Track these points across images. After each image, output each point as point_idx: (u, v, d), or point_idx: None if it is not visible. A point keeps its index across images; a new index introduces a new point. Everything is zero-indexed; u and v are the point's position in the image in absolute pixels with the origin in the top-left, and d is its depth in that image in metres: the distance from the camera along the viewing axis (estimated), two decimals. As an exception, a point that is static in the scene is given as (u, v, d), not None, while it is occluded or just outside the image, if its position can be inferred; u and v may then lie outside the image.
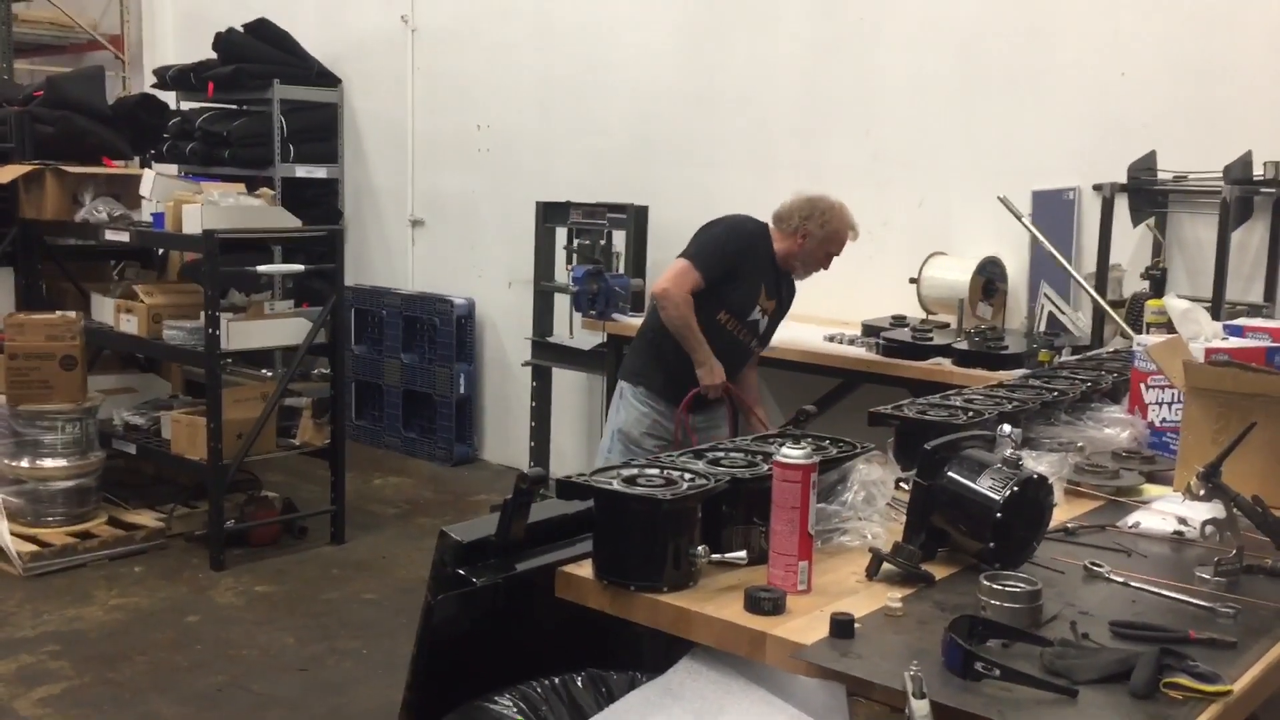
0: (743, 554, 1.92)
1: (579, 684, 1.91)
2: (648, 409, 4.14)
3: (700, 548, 1.90)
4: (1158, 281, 4.09)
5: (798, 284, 4.30)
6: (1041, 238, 4.30)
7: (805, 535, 1.88)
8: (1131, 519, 2.28)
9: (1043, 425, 2.74)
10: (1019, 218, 4.33)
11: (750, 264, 4.09)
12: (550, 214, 6.08)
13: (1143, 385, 2.84)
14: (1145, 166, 4.37)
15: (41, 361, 5.16)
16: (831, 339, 4.73)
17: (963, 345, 4.33)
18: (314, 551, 5.39)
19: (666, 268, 4.13)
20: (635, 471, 1.97)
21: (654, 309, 4.22)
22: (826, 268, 4.19)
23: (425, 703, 1.89)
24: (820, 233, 4.08)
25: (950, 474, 2.02)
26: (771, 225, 4.16)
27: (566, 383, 6.42)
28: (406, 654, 4.22)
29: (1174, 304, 2.84)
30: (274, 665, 4.19)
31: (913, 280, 4.88)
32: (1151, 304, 3.75)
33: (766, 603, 1.79)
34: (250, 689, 3.99)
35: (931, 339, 4.47)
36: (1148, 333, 3.26)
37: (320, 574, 5.11)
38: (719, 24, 5.81)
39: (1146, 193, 4.39)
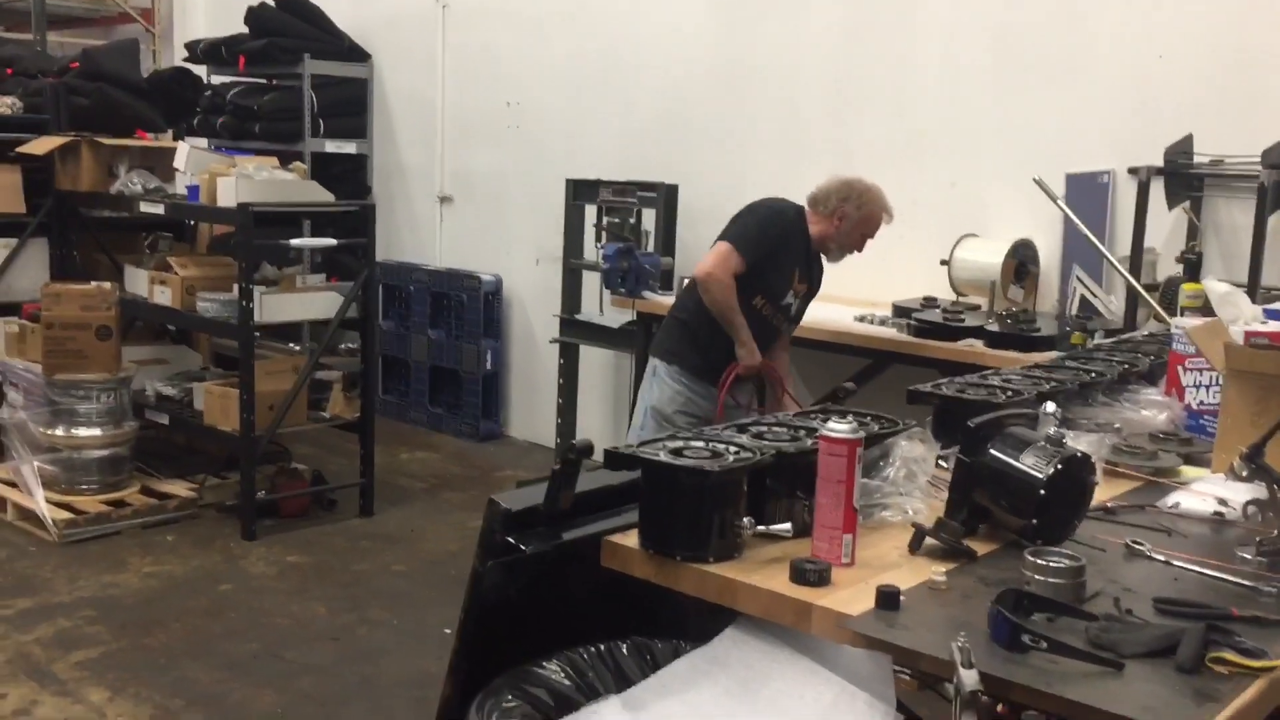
0: (788, 526, 1.94)
1: (624, 651, 1.94)
2: (681, 387, 4.16)
3: (745, 519, 1.92)
4: (1193, 265, 4.08)
5: (828, 265, 4.30)
6: (1076, 220, 4.29)
7: (850, 509, 1.89)
8: (1171, 499, 2.29)
9: (1080, 406, 2.74)
10: (1054, 200, 4.32)
11: (788, 248, 4.10)
12: (580, 192, 6.09)
13: (1180, 368, 2.84)
14: (1182, 150, 4.34)
15: (77, 331, 5.22)
16: (862, 319, 4.73)
17: (994, 327, 4.33)
18: (343, 523, 5.45)
19: (698, 248, 4.15)
20: (681, 444, 1.99)
21: (689, 289, 4.24)
22: (861, 250, 4.19)
23: (472, 667, 1.92)
24: (856, 214, 4.09)
25: (993, 451, 2.04)
26: (807, 208, 4.16)
27: (594, 360, 6.45)
28: (436, 625, 4.31)
29: (1214, 287, 2.83)
30: (306, 634, 4.24)
31: (944, 262, 4.88)
32: (1187, 288, 3.76)
33: (812, 574, 1.82)
34: (283, 657, 4.04)
35: (963, 320, 4.47)
36: (1182, 316, 3.26)
37: (350, 545, 5.16)
38: (751, 2, 5.79)
39: (1183, 176, 4.37)
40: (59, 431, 5.26)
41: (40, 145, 5.79)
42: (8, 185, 5.93)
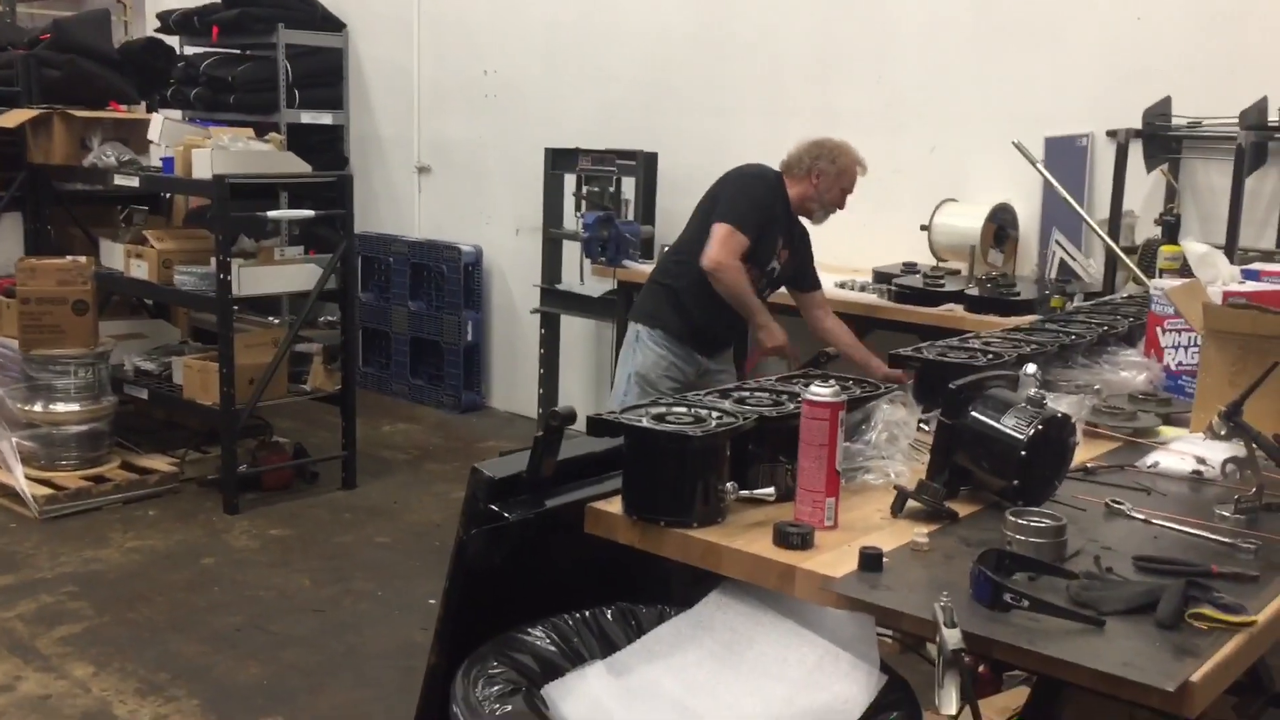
0: (771, 490, 1.95)
1: (609, 617, 1.94)
2: (665, 351, 4.15)
3: (729, 484, 1.92)
4: (1171, 228, 4.08)
5: (812, 228, 4.29)
6: (1055, 184, 4.30)
7: (833, 472, 1.90)
8: (1150, 459, 2.31)
9: (1060, 368, 2.76)
10: (1033, 163, 4.32)
11: (774, 214, 4.10)
12: (559, 160, 6.06)
13: (1159, 329, 2.86)
14: (1160, 112, 4.35)
15: (53, 306, 5.17)
16: (843, 285, 4.74)
17: (974, 292, 4.34)
18: (326, 496, 5.44)
19: (679, 216, 4.12)
20: (664, 410, 1.99)
21: (670, 254, 4.24)
22: (842, 206, 4.18)
23: (458, 634, 1.92)
24: (833, 169, 4.09)
25: (974, 413, 2.05)
26: (783, 174, 4.16)
27: (575, 330, 6.44)
28: (420, 595, 4.32)
29: (1192, 248, 2.85)
30: (290, 606, 4.24)
31: (924, 227, 4.88)
32: (1165, 250, 3.76)
33: (795, 537, 1.82)
34: (268, 629, 4.04)
35: (943, 285, 4.48)
36: (1160, 278, 3.28)
37: (332, 518, 5.16)
38: (730, -32, 5.76)
39: (1161, 139, 4.38)
40: (37, 407, 5.22)
41: (11, 118, 5.71)
42: (-21, 159, 5.86)
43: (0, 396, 5.30)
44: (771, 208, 4.08)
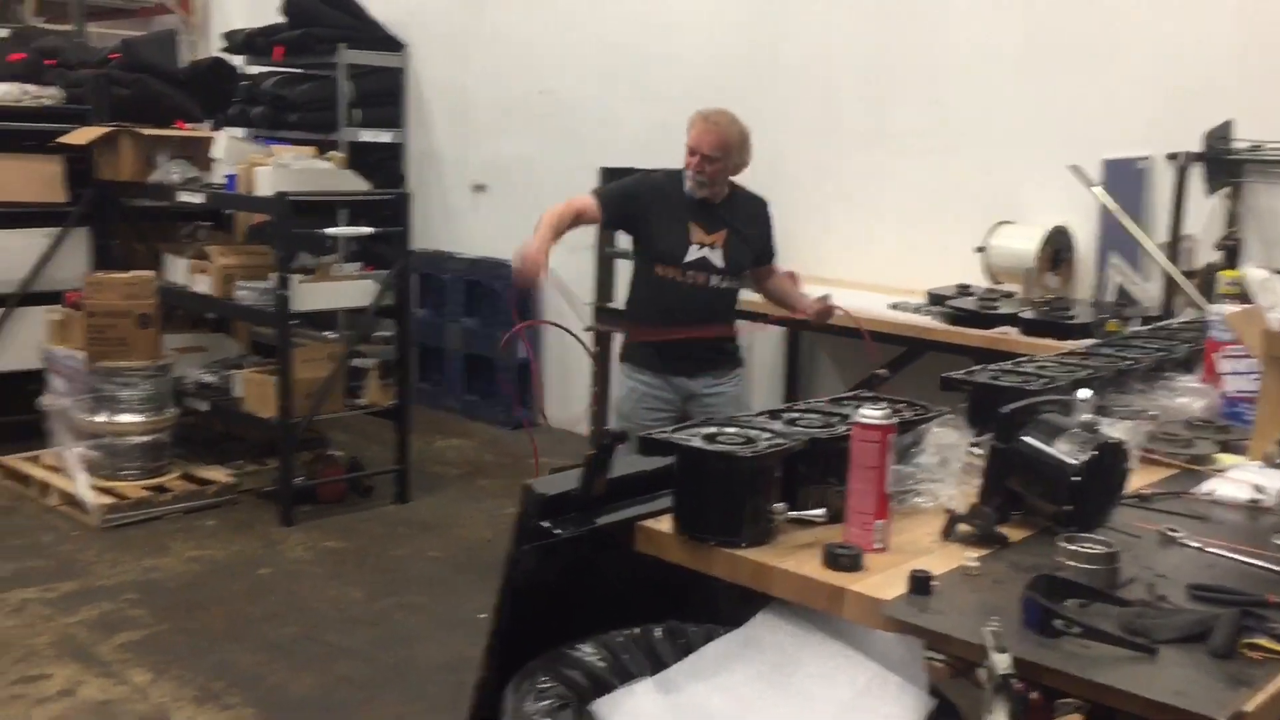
0: (821, 511, 1.96)
1: (658, 634, 1.96)
2: (635, 383, 4.11)
3: (778, 504, 1.94)
4: (1232, 252, 4.05)
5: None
6: (1113, 206, 4.26)
7: (883, 494, 1.90)
8: (1206, 486, 2.28)
9: (1115, 393, 2.73)
10: (1091, 187, 4.29)
11: (658, 202, 4.03)
12: (612, 179, 6.08)
13: (1218, 355, 2.82)
14: (1221, 135, 4.30)
15: (118, 319, 5.29)
16: (896, 307, 4.72)
17: (1029, 314, 4.31)
18: (379, 510, 5.50)
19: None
20: (715, 429, 2.00)
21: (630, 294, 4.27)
22: (701, 170, 3.99)
23: (508, 650, 1.94)
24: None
25: (1027, 438, 2.04)
26: None
27: (627, 348, 6.46)
28: (471, 610, 4.34)
29: (1253, 273, 2.82)
30: (344, 618, 4.30)
31: (979, 249, 4.86)
32: (1225, 274, 3.73)
33: (845, 559, 1.83)
34: (322, 640, 4.10)
35: (998, 308, 4.45)
36: (1219, 304, 3.24)
37: (386, 531, 5.22)
38: (785, -12, 5.78)
39: (1222, 162, 4.32)
40: (101, 418, 5.35)
41: (81, 136, 5.86)
42: (50, 176, 6.02)
43: (66, 407, 5.43)
44: (648, 195, 4.05)
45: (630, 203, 4.07)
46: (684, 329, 4.01)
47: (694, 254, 4.02)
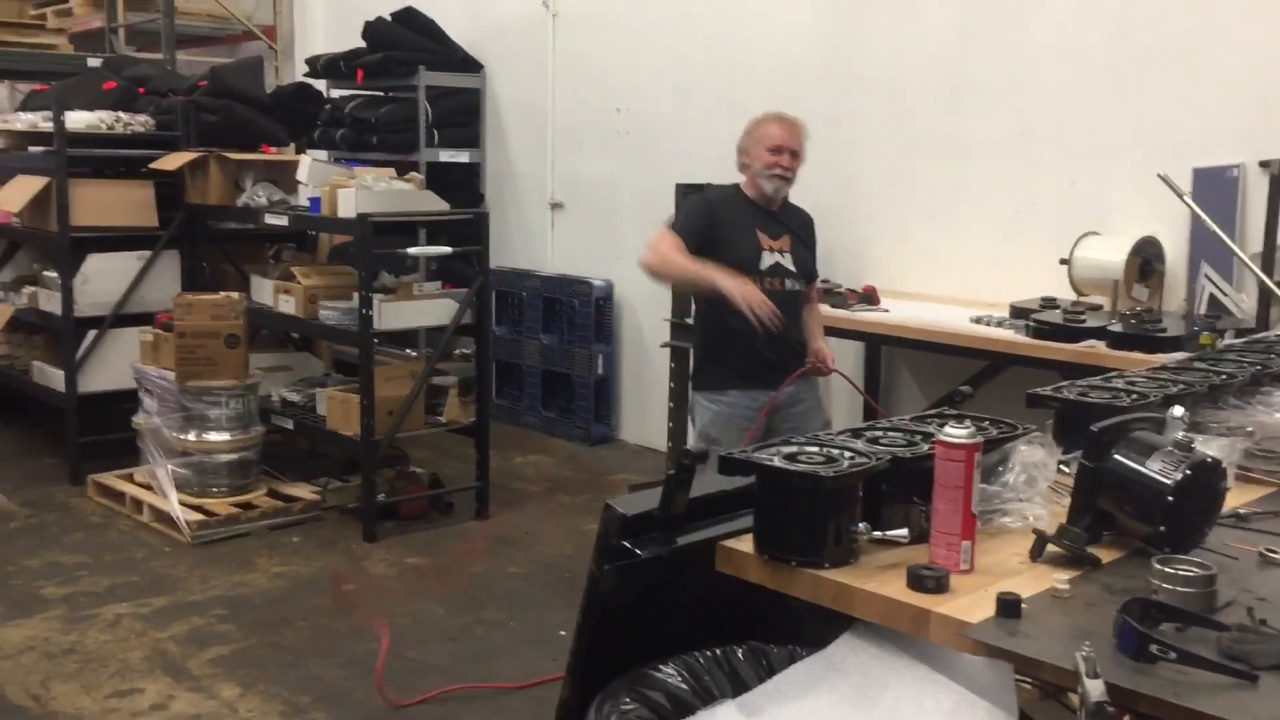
0: (904, 531, 1.93)
1: (740, 656, 1.94)
2: (719, 408, 4.16)
3: (861, 525, 1.91)
4: (1329, 261, 3.92)
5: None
6: (1204, 216, 4.15)
7: (968, 515, 1.87)
8: (1308, 506, 2.20)
9: (1210, 409, 2.65)
10: (1180, 196, 4.18)
11: (727, 216, 4.15)
12: (688, 196, 6.09)
13: (1317, 368, 2.73)
14: (1316, 141, 4.17)
15: (207, 340, 5.42)
16: (979, 321, 4.64)
17: (1117, 328, 4.20)
18: (460, 526, 5.55)
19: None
20: (796, 449, 1.98)
21: (696, 315, 4.33)
22: (783, 166, 4.15)
23: (590, 668, 1.94)
24: (749, 141, 4.19)
25: (1118, 456, 1.99)
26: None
27: (704, 364, 6.45)
28: (551, 626, 4.36)
29: (1353, 284, 2.72)
30: (426, 634, 4.34)
31: (1064, 261, 4.76)
32: (1324, 284, 3.60)
33: (930, 580, 1.80)
34: (405, 655, 4.14)
35: (1084, 321, 4.35)
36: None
37: (466, 548, 5.26)
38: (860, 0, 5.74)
39: (1317, 169, 4.19)
40: (191, 436, 5.47)
41: (171, 161, 6.03)
42: (141, 200, 6.20)
43: (157, 425, 5.57)
44: (716, 211, 4.17)
45: (705, 224, 4.14)
46: (769, 336, 4.03)
47: (768, 260, 4.15)
